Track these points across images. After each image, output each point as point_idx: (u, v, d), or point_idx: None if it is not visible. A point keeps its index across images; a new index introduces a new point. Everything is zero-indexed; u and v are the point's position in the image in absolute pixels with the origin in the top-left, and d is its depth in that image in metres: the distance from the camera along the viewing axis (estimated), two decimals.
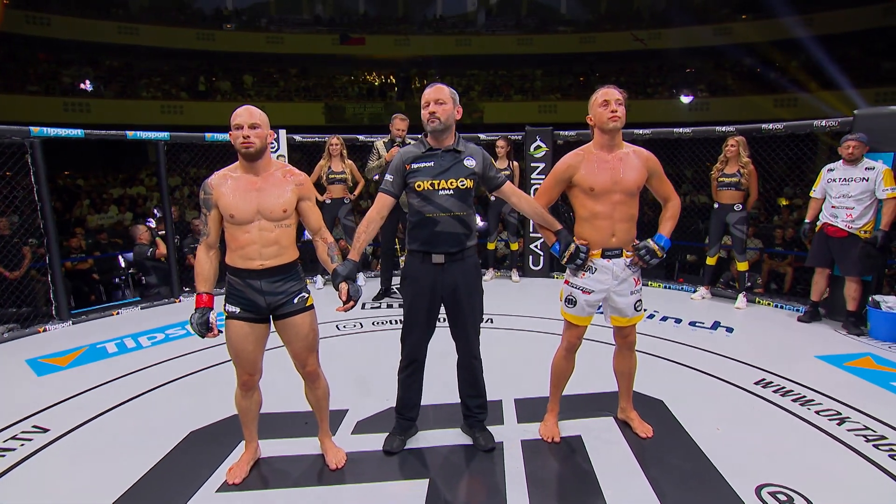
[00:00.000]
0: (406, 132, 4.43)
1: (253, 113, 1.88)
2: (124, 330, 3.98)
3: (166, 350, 3.52)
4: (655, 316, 4.14)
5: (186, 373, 3.11)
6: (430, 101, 2.03)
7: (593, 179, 2.08)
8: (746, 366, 3.10)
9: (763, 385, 2.83)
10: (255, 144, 1.86)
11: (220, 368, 3.13)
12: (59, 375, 3.13)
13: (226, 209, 1.88)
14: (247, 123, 1.86)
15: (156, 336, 3.84)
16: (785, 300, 4.48)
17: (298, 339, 2.00)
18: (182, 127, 14.35)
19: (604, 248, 2.15)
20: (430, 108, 2.03)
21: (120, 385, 2.97)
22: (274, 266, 1.92)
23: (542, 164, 5.40)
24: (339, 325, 3.96)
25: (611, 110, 2.06)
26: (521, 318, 4.08)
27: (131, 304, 4.65)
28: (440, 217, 2.05)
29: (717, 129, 4.58)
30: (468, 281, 2.13)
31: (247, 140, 1.85)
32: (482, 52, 18.14)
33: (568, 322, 2.26)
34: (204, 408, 2.63)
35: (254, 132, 1.86)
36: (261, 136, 1.87)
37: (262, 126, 1.88)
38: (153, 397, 2.81)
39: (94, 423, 2.53)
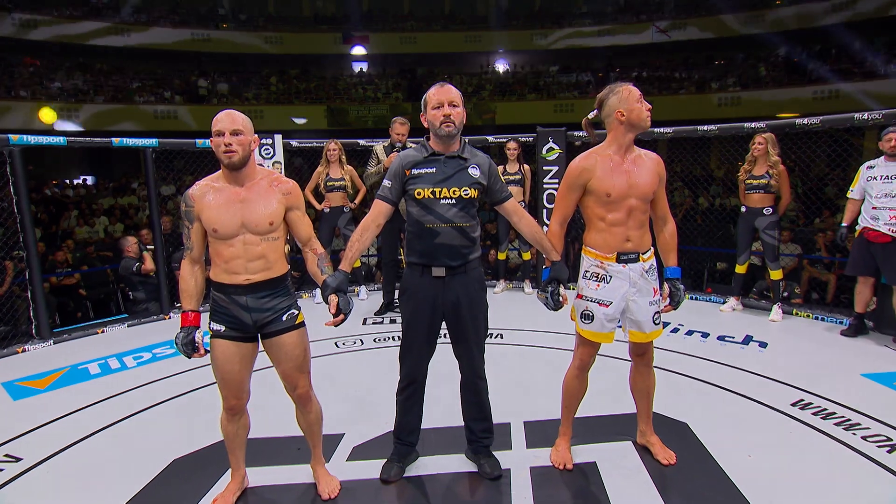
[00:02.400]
0: (407, 136, 4.45)
1: (235, 118, 1.88)
2: (109, 349, 4.02)
3: (153, 371, 3.54)
4: (680, 330, 4.08)
5: (172, 395, 3.12)
6: (444, 102, 2.02)
7: (609, 184, 2.07)
8: (782, 385, 3.03)
9: (801, 407, 2.76)
10: (237, 153, 1.86)
11: (209, 390, 3.14)
12: (37, 399, 3.16)
13: (208, 223, 1.89)
14: (228, 130, 1.86)
15: (142, 356, 3.87)
16: (826, 312, 4.38)
17: (288, 359, 1.99)
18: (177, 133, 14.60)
19: (618, 251, 2.12)
20: (445, 109, 2.02)
21: (101, 409, 2.98)
22: (261, 281, 1.92)
23: (556, 168, 5.39)
24: (337, 343, 3.96)
25: (647, 108, 2.06)
26: (532, 332, 4.06)
27: (117, 322, 4.71)
28: (441, 228, 2.05)
29: (746, 126, 4.54)
30: (471, 295, 2.12)
31: (229, 148, 1.85)
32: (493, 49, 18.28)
33: (583, 339, 2.23)
34: (189, 433, 2.63)
35: (236, 139, 1.86)
36: (244, 144, 1.87)
37: (245, 132, 1.88)
38: (136, 422, 2.83)
39: (71, 451, 2.54)
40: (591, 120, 2.25)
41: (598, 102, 2.16)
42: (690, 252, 6.46)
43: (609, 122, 2.12)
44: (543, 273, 2.22)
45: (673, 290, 2.22)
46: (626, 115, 2.06)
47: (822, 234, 6.19)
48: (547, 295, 2.15)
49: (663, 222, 2.24)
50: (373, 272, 6.61)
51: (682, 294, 2.22)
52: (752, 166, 4.31)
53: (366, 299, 5.32)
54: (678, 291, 2.22)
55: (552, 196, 5.38)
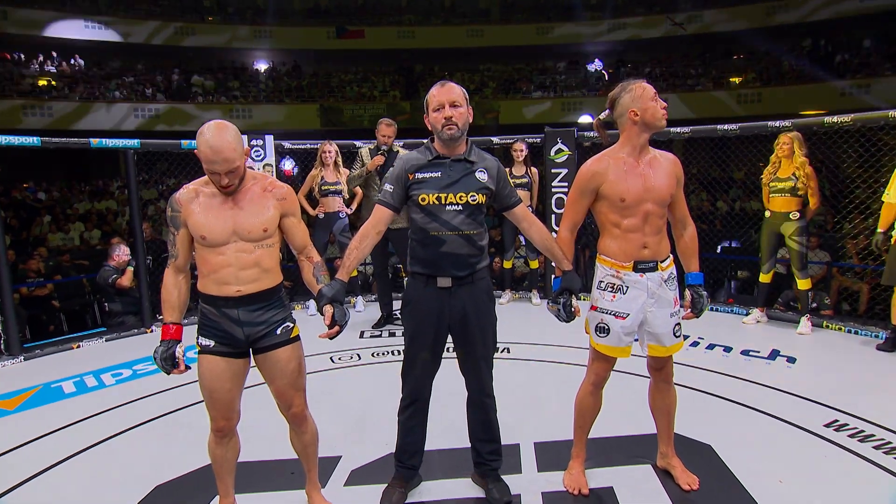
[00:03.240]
0: (393, 138, 4.51)
1: (226, 155, 1.79)
2: (85, 366, 4.01)
3: (133, 389, 3.53)
4: (700, 343, 4.07)
5: (155, 415, 3.11)
6: (445, 103, 2.03)
7: (624, 188, 2.08)
8: (814, 404, 3.01)
9: (836, 428, 2.75)
10: (233, 186, 1.86)
11: (196, 410, 3.12)
12: (5, 421, 3.14)
13: (196, 229, 1.89)
14: (224, 170, 1.81)
15: (121, 373, 3.86)
16: (860, 324, 4.37)
17: (282, 375, 1.99)
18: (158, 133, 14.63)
19: (635, 260, 2.13)
20: (445, 111, 2.03)
21: (76, 431, 2.97)
22: (253, 292, 1.92)
23: (565, 170, 5.41)
24: (333, 357, 3.96)
25: (662, 106, 2.07)
26: (542, 346, 4.05)
27: (94, 336, 4.70)
28: (446, 235, 2.06)
29: (770, 125, 4.56)
30: (479, 307, 2.13)
31: (226, 185, 1.84)
32: (496, 44, 18.39)
33: (598, 353, 2.22)
34: (173, 457, 2.61)
35: (232, 175, 1.84)
36: (239, 173, 1.85)
37: (239, 161, 1.83)
38: (114, 445, 2.81)
39: (43, 478, 2.52)
40: (603, 120, 2.27)
41: (610, 101, 2.17)
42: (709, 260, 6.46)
43: (622, 123, 2.13)
44: (554, 283, 2.22)
45: (695, 297, 2.23)
46: (639, 114, 2.07)
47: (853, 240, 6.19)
48: (559, 306, 2.14)
49: (683, 226, 2.25)
50: (370, 282, 6.60)
51: (705, 301, 2.23)
52: (776, 168, 4.32)
53: (363, 311, 5.32)
54: (701, 298, 2.22)
55: (561, 201, 5.39)
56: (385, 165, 4.45)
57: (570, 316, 2.15)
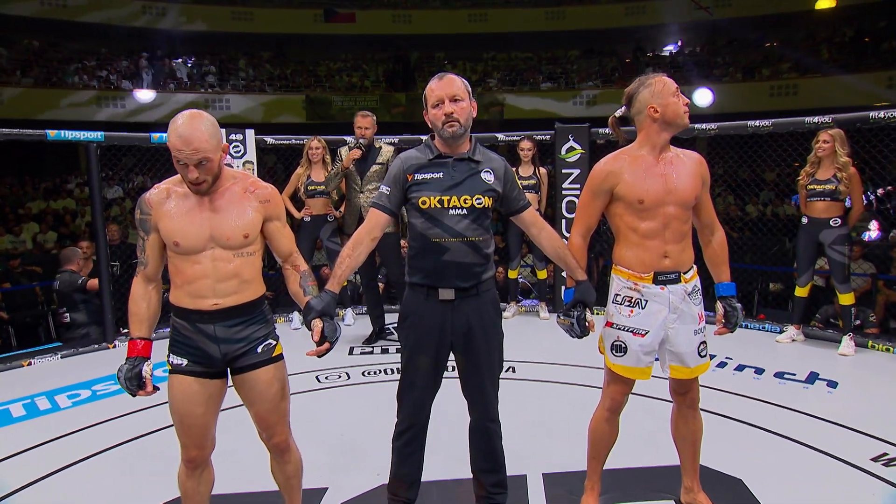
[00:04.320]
0: (372, 131, 4.54)
1: (197, 145, 1.77)
2: (37, 386, 3.99)
3: (92, 412, 3.51)
4: (728, 364, 4.08)
5: (117, 442, 3.09)
6: (444, 97, 2.04)
7: (642, 189, 2.09)
8: (859, 434, 3.01)
9: (885, 462, 2.74)
10: (206, 183, 1.85)
11: (164, 436, 3.10)
12: None
13: (169, 235, 1.88)
14: (193, 161, 1.79)
15: (79, 394, 3.84)
16: None
17: (263, 399, 1.99)
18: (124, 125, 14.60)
19: (655, 271, 2.14)
20: (445, 107, 2.04)
21: (26, 461, 2.94)
22: (232, 306, 1.92)
23: (577, 171, 5.43)
24: (319, 377, 3.96)
25: (685, 102, 2.09)
26: (551, 366, 4.05)
27: (48, 352, 4.68)
28: (449, 243, 2.07)
29: (807, 121, 4.58)
30: (485, 322, 2.14)
31: (196, 180, 1.82)
32: (501, 30, 18.49)
33: (614, 375, 2.22)
34: (138, 490, 2.60)
35: (203, 169, 1.82)
36: (212, 170, 1.84)
37: (213, 154, 1.82)
38: (70, 476, 2.79)
39: None
40: (619, 117, 2.28)
41: (627, 97, 2.19)
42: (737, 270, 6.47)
43: (640, 120, 2.15)
44: (565, 295, 2.23)
45: (728, 309, 2.23)
46: (659, 111, 2.09)
47: None
48: (572, 320, 2.15)
49: (710, 231, 2.26)
50: (360, 293, 6.60)
51: (739, 314, 2.24)
52: (815, 169, 4.34)
53: (353, 324, 5.32)
54: (735, 311, 2.23)
55: (572, 204, 5.42)
56: (366, 162, 4.48)
57: (584, 331, 2.15)
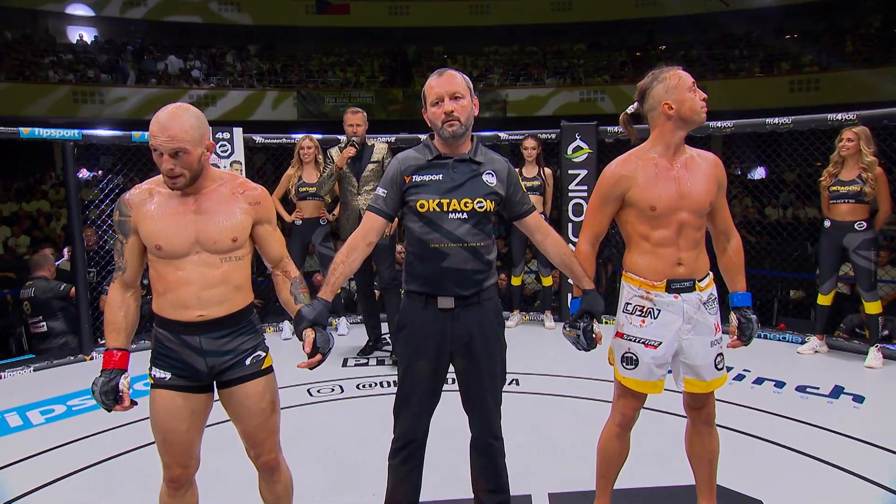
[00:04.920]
0: (364, 127, 4.56)
1: (175, 132, 1.78)
2: (8, 401, 3.98)
3: (67, 429, 3.50)
4: (746, 377, 4.07)
5: (94, 461, 3.08)
6: (444, 95, 2.05)
7: (655, 194, 2.09)
8: (887, 452, 3.00)
9: None
10: (182, 178, 1.83)
11: (143, 454, 3.09)
12: None
13: (150, 238, 1.88)
14: (168, 150, 1.78)
15: (53, 409, 3.83)
16: None
17: (252, 415, 1.98)
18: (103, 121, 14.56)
19: (669, 279, 2.14)
20: (445, 105, 2.05)
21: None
22: (220, 316, 1.92)
23: (584, 171, 5.45)
24: (311, 390, 3.96)
25: (702, 98, 2.09)
26: (557, 378, 4.05)
27: (20, 364, 4.67)
28: (449, 248, 2.08)
29: (830, 118, 4.60)
30: (487, 332, 2.14)
31: (171, 173, 1.81)
32: (504, 23, 18.56)
33: (625, 388, 2.22)
34: None
35: (179, 161, 1.80)
36: (190, 164, 1.82)
37: (191, 147, 1.81)
38: (43, 499, 2.77)
39: None
40: (631, 114, 2.29)
41: (640, 93, 2.19)
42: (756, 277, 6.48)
43: (653, 117, 2.15)
44: (572, 304, 2.23)
45: (743, 321, 2.23)
46: (674, 107, 2.09)
47: None
48: (578, 331, 2.15)
49: (726, 238, 2.27)
50: (354, 300, 6.60)
51: (755, 326, 2.23)
52: (838, 169, 4.35)
53: (346, 334, 5.32)
54: (750, 323, 2.23)
55: (579, 207, 5.44)
56: (360, 161, 4.50)
57: (591, 343, 2.16)
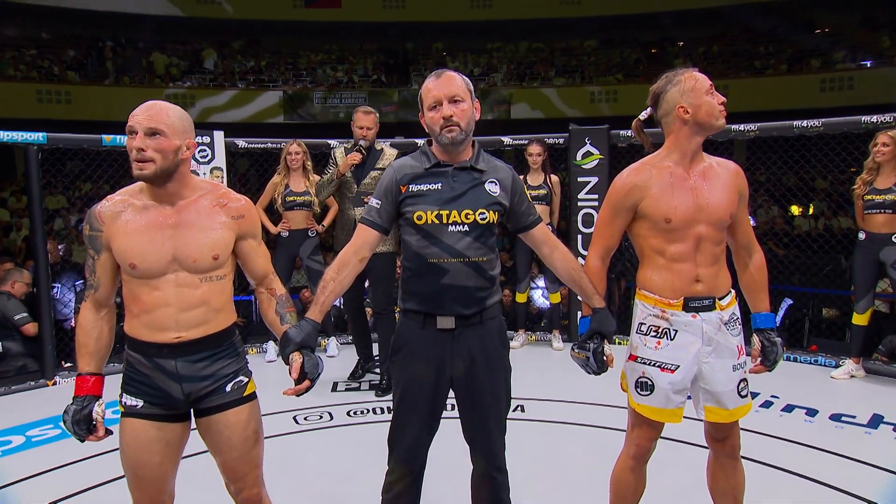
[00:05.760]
0: (375, 131, 4.51)
1: (155, 112, 1.83)
2: None
3: (26, 462, 3.47)
4: (775, 403, 4.06)
5: (56, 498, 3.06)
6: (442, 98, 2.06)
7: (670, 206, 2.11)
8: None
9: None
10: (152, 164, 1.81)
11: (111, 490, 3.08)
12: None
13: (123, 255, 1.87)
14: (142, 128, 1.80)
15: (10, 440, 3.80)
16: None
17: (232, 446, 1.98)
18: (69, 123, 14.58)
19: (686, 296, 2.15)
20: (444, 109, 2.05)
21: None
22: (198, 338, 1.92)
23: (595, 179, 5.47)
24: (297, 417, 3.94)
25: (720, 101, 2.10)
26: (565, 404, 4.04)
27: None
28: (449, 263, 2.08)
29: (864, 120, 4.61)
30: (490, 354, 2.15)
31: (140, 155, 1.80)
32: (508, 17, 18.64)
33: (639, 416, 2.22)
34: None
35: (153, 143, 1.81)
36: (164, 150, 1.81)
37: (169, 133, 1.82)
38: None
39: None
40: (644, 120, 2.31)
41: (653, 97, 2.21)
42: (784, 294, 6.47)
43: (668, 123, 2.17)
44: (581, 324, 2.24)
45: (766, 344, 2.23)
46: (691, 111, 2.11)
47: None
48: (587, 353, 2.16)
49: (747, 253, 2.28)
50: (345, 319, 6.60)
51: (779, 350, 2.23)
52: (873, 176, 4.37)
53: (336, 355, 5.32)
54: (774, 347, 2.23)
55: (589, 218, 5.45)
56: (364, 165, 4.44)
57: (602, 366, 2.16)
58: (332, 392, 4.46)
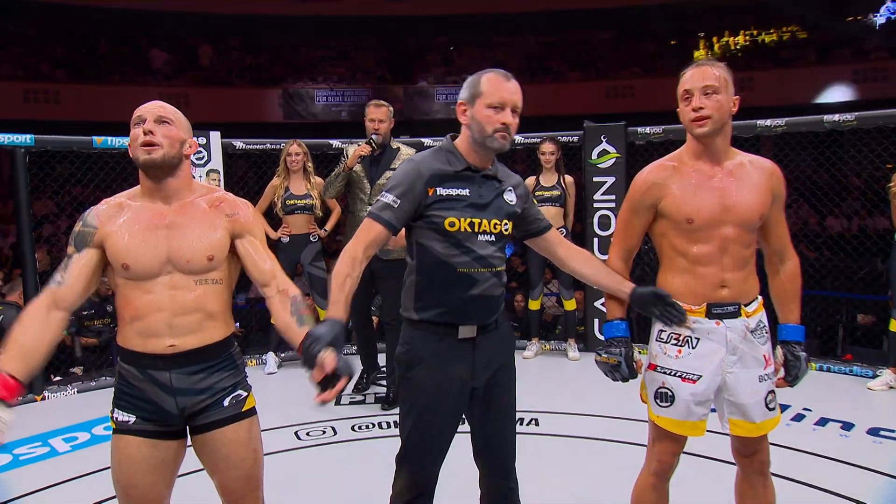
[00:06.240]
0: (388, 124, 4.45)
1: (165, 106, 1.96)
2: None
3: (13, 482, 3.46)
4: (807, 416, 4.03)
5: None
6: (508, 104, 2.07)
7: (692, 205, 2.11)
8: None
9: None
10: (160, 147, 1.88)
11: None
12: None
13: (116, 255, 1.89)
14: (152, 116, 1.90)
15: None
16: None
17: (230, 465, 1.98)
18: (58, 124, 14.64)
19: (709, 302, 2.14)
20: (506, 115, 2.06)
21: None
22: (194, 348, 1.92)
23: (611, 179, 5.45)
24: (299, 433, 3.95)
25: (693, 107, 2.06)
26: (582, 417, 4.04)
27: None
28: (479, 273, 2.11)
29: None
30: (507, 359, 2.21)
31: (149, 138, 1.87)
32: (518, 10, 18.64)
33: (660, 430, 2.21)
34: None
35: (162, 129, 1.90)
36: (172, 138, 1.91)
37: (176, 125, 1.93)
38: None
39: None
40: None
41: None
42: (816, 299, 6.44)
43: None
44: (605, 329, 2.24)
45: (790, 357, 2.21)
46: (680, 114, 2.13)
47: None
48: (618, 357, 2.16)
49: (780, 259, 2.26)
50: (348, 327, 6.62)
51: (803, 365, 2.20)
52: None
53: None
54: (798, 361, 2.20)
55: (606, 220, 5.45)
56: (378, 163, 4.40)
57: (633, 372, 2.17)
58: (335, 405, 4.46)
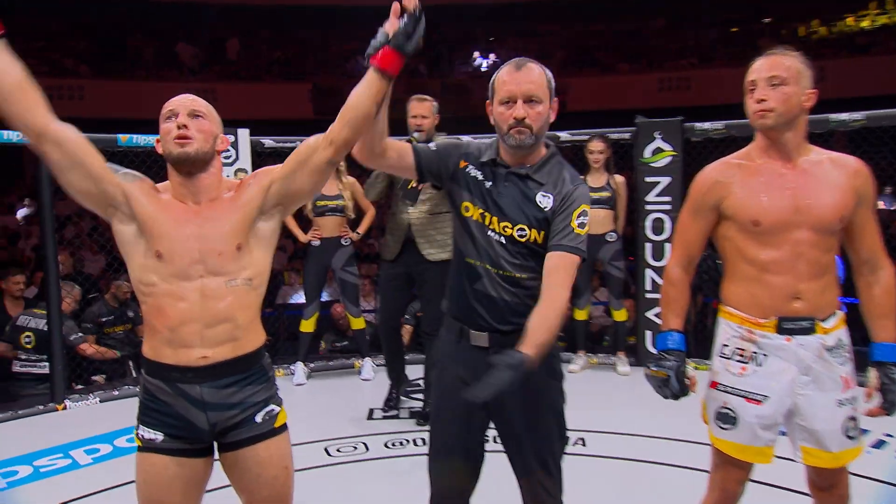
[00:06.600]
0: (432, 120, 4.45)
1: (196, 99, 1.99)
2: None
3: (33, 495, 3.53)
4: (889, 444, 3.90)
5: None
6: (517, 95, 2.04)
7: (758, 206, 2.07)
8: None
9: None
10: (194, 141, 1.90)
11: None
12: None
13: (152, 237, 1.89)
14: (185, 110, 1.92)
15: (17, 471, 3.84)
16: None
17: (261, 484, 1.99)
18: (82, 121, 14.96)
19: (780, 316, 2.09)
20: (518, 109, 2.03)
21: None
22: (226, 360, 1.93)
23: (667, 180, 5.34)
24: (329, 449, 3.97)
25: (756, 98, 2.05)
26: (634, 438, 4.01)
27: None
28: (483, 269, 2.09)
29: None
30: (532, 380, 1.98)
31: (182, 132, 1.89)
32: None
33: (722, 455, 2.19)
34: None
35: (195, 123, 1.92)
36: (206, 132, 1.93)
37: (209, 119, 1.96)
38: None
39: None
40: None
41: None
42: None
43: None
44: (658, 341, 2.20)
45: (885, 381, 2.12)
46: None
47: None
48: (669, 372, 2.11)
49: (871, 269, 2.17)
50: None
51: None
52: None
53: (372, 379, 5.34)
54: (894, 384, 2.11)
55: (660, 223, 5.37)
56: None
57: (683, 389, 2.11)
58: (367, 420, 4.47)
